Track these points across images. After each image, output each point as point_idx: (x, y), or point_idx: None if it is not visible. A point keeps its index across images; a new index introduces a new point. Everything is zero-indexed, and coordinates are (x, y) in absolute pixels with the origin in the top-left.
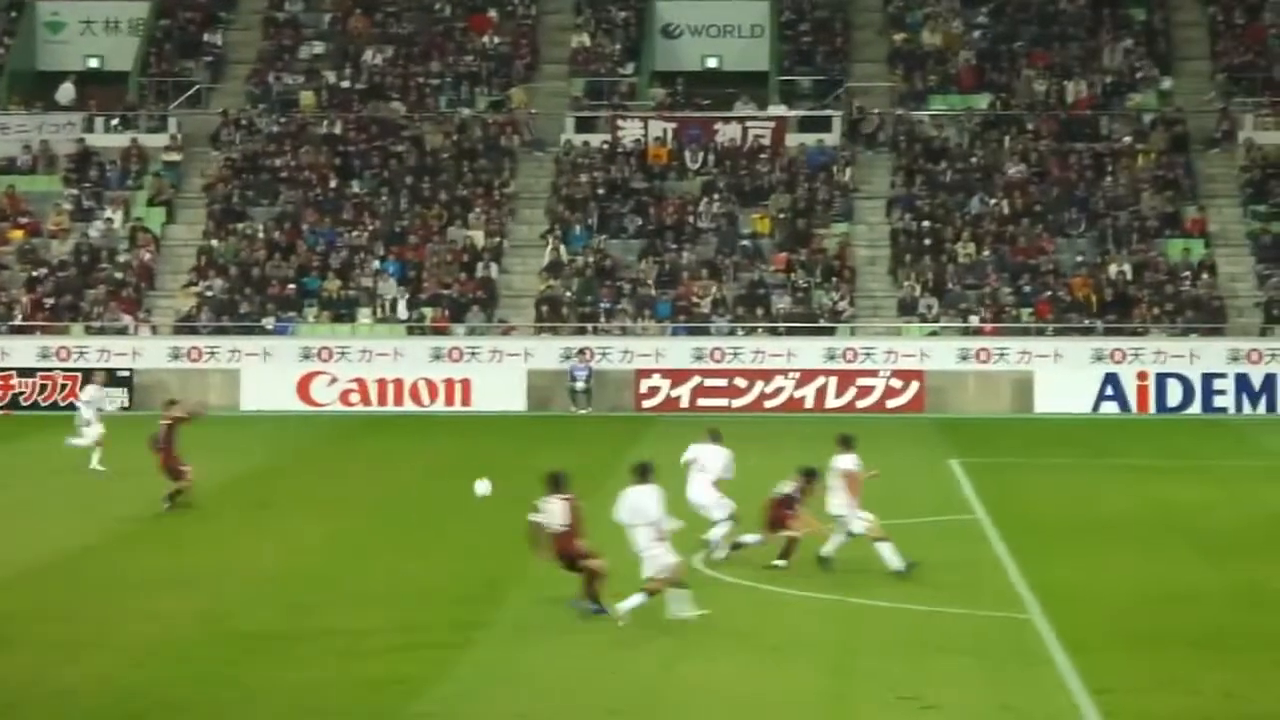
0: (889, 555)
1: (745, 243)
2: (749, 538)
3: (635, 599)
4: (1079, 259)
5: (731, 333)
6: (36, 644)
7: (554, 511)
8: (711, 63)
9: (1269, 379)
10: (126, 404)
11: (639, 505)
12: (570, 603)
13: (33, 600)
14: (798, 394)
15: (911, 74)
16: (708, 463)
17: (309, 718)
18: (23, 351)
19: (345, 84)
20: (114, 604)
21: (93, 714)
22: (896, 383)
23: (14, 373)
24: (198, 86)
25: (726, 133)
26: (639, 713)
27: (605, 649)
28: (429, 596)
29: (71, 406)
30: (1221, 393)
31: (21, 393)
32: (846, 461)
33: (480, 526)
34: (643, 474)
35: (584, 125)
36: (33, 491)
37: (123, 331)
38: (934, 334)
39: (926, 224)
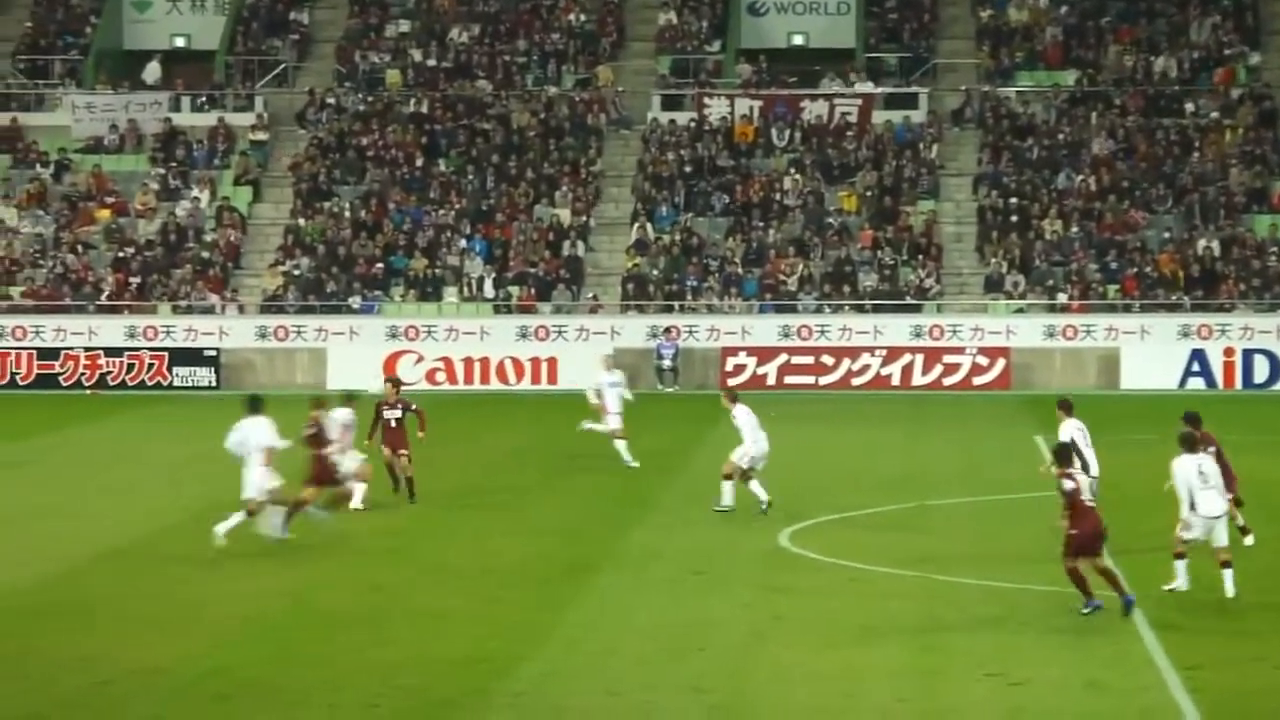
0: None
1: (832, 220)
2: None
3: (234, 519)
4: (1166, 235)
5: (818, 310)
6: (124, 622)
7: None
8: (798, 40)
9: None
10: (214, 383)
11: (247, 436)
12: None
13: (120, 579)
14: (884, 371)
15: (998, 50)
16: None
17: (396, 696)
18: (110, 331)
19: (432, 62)
20: (201, 583)
21: (181, 692)
22: (983, 360)
23: (101, 352)
24: (284, 65)
25: (813, 110)
26: (726, 690)
27: (692, 627)
28: (516, 575)
29: (158, 386)
30: None
31: (109, 372)
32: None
33: (567, 505)
34: (254, 406)
35: (670, 103)
36: (119, 471)
37: (209, 311)
38: (1020, 311)
39: (1013, 201)
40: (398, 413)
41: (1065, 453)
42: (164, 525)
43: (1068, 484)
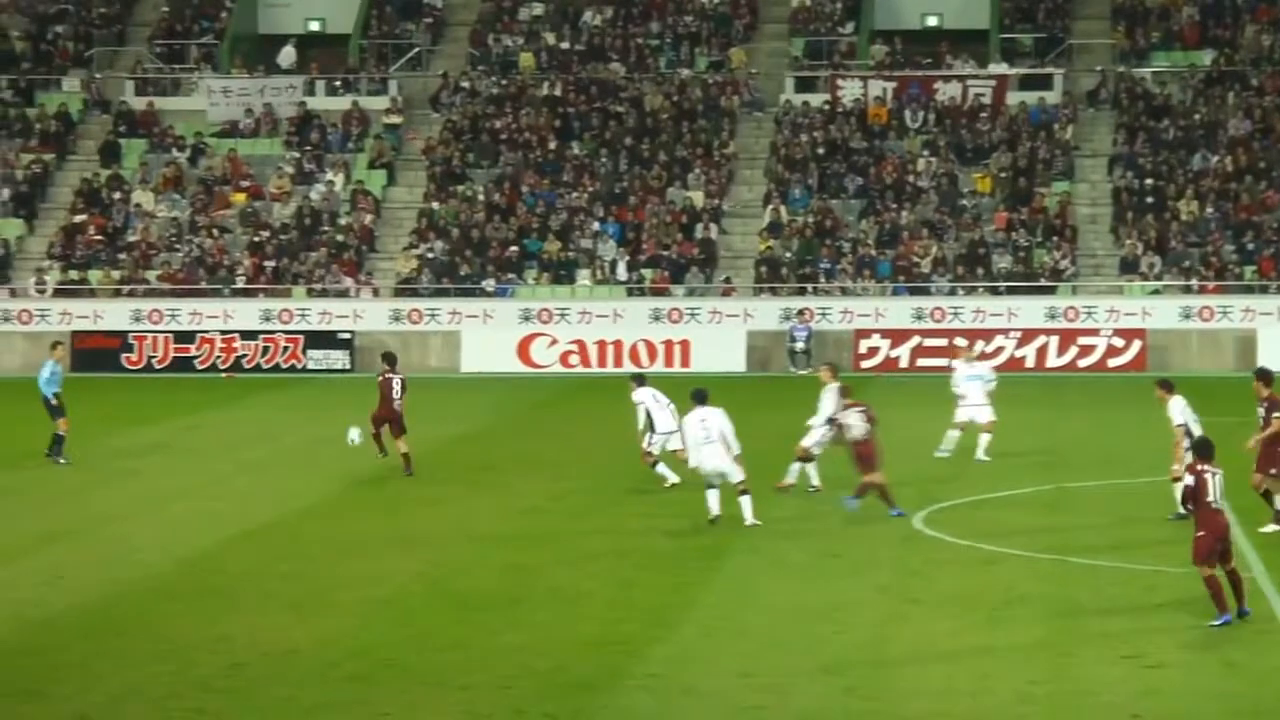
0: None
1: (965, 202)
2: None
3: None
4: None
5: (952, 292)
6: (262, 604)
7: (855, 422)
8: (932, 21)
9: None
10: (348, 366)
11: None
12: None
13: (258, 561)
14: (1018, 353)
15: (1134, 30)
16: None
17: (530, 678)
18: (245, 314)
19: (565, 45)
20: (338, 565)
21: (318, 674)
22: (1118, 341)
23: (237, 335)
24: (418, 49)
25: (946, 91)
26: (860, 671)
27: (825, 610)
28: (649, 557)
29: (293, 369)
30: None
31: (244, 355)
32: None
33: (700, 487)
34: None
35: (803, 85)
36: (254, 453)
37: (344, 294)
38: (1156, 292)
39: (1149, 182)
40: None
41: (1205, 447)
42: (299, 507)
43: (1187, 479)
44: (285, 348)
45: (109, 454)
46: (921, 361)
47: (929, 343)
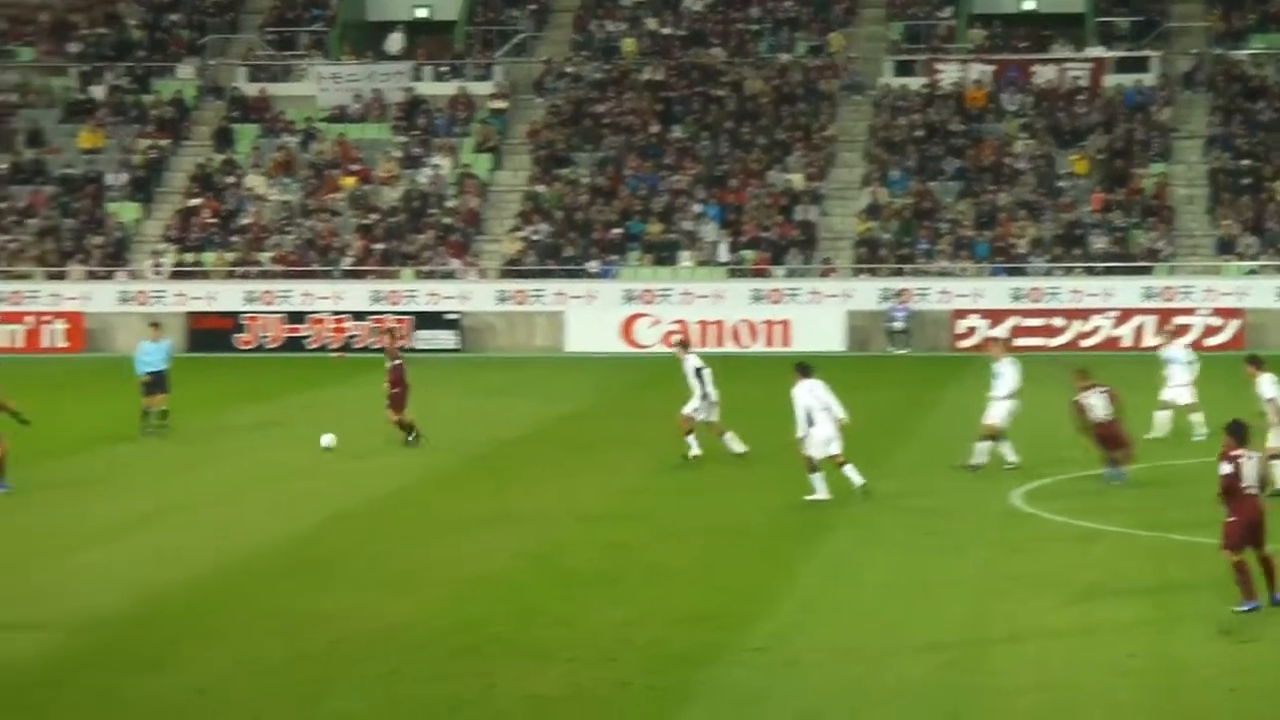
0: None
1: (1063, 183)
2: None
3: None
4: None
5: (1049, 273)
6: (365, 580)
7: (1098, 403)
8: (1029, 4)
9: None
10: (456, 346)
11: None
12: (1106, 473)
13: (364, 537)
14: (1115, 333)
15: (1230, 13)
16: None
17: (634, 651)
18: (355, 295)
19: (666, 31)
20: (443, 541)
21: (421, 648)
22: (1216, 320)
23: (347, 316)
24: (522, 35)
25: (1044, 74)
26: (960, 647)
27: (925, 587)
28: (750, 534)
29: (402, 349)
30: None
31: (354, 335)
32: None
33: (799, 465)
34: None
35: (902, 69)
36: (363, 432)
37: (451, 275)
38: (1253, 272)
39: (1245, 163)
40: (397, 362)
41: (1239, 431)
42: (405, 484)
43: (1223, 467)
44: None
45: (221, 431)
46: (1019, 340)
47: (1026, 322)
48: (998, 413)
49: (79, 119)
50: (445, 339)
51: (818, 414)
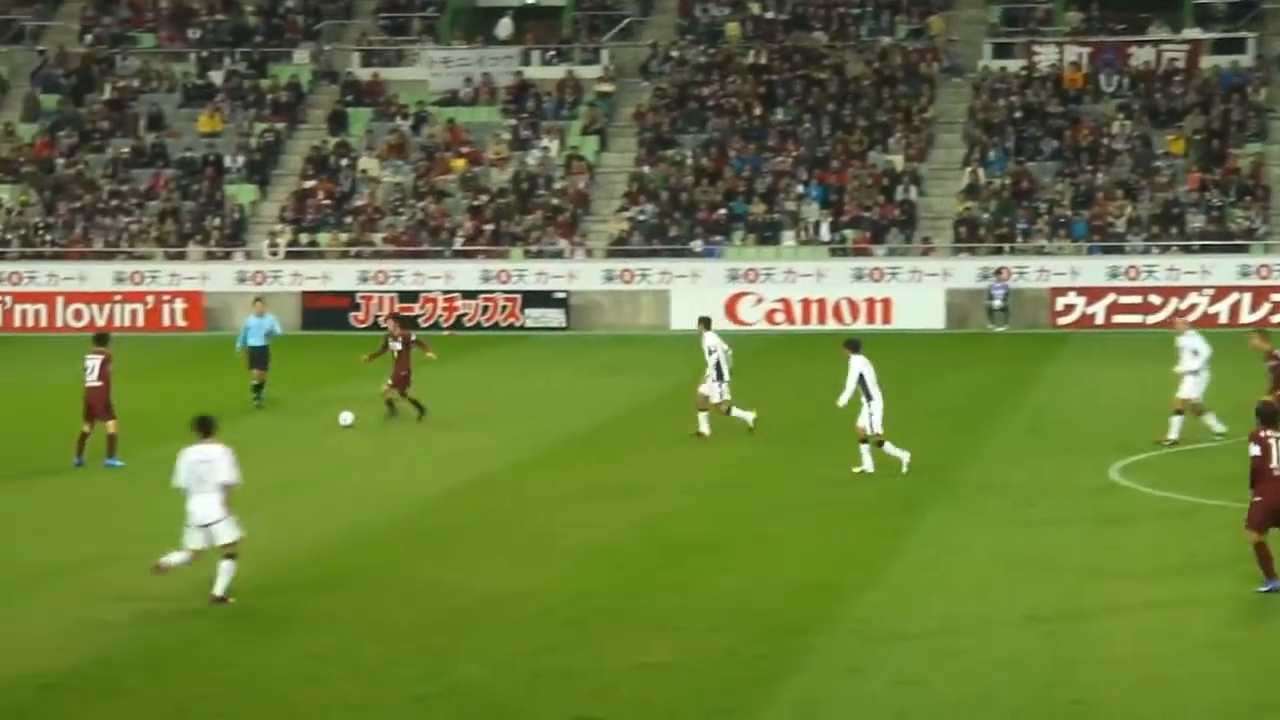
0: None
1: (1159, 163)
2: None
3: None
4: None
5: (1146, 251)
6: (482, 553)
7: None
8: None
9: None
10: (563, 324)
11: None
12: None
13: (480, 509)
14: (1211, 310)
15: None
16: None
17: (742, 621)
18: (465, 274)
19: (769, 15)
20: (555, 513)
21: (536, 618)
22: None
23: (458, 295)
24: (628, 20)
25: (1140, 56)
26: (1059, 619)
27: (1025, 559)
28: (854, 507)
29: (511, 327)
30: None
31: (465, 313)
32: None
33: (901, 440)
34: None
35: (1001, 51)
36: (476, 407)
37: (559, 255)
38: None
39: None
40: (399, 345)
41: (1268, 412)
42: (518, 458)
43: (1253, 449)
44: (504, 306)
45: (339, 408)
46: (1116, 318)
47: (1124, 300)
48: (1190, 387)
49: (198, 103)
50: (553, 317)
51: (873, 388)
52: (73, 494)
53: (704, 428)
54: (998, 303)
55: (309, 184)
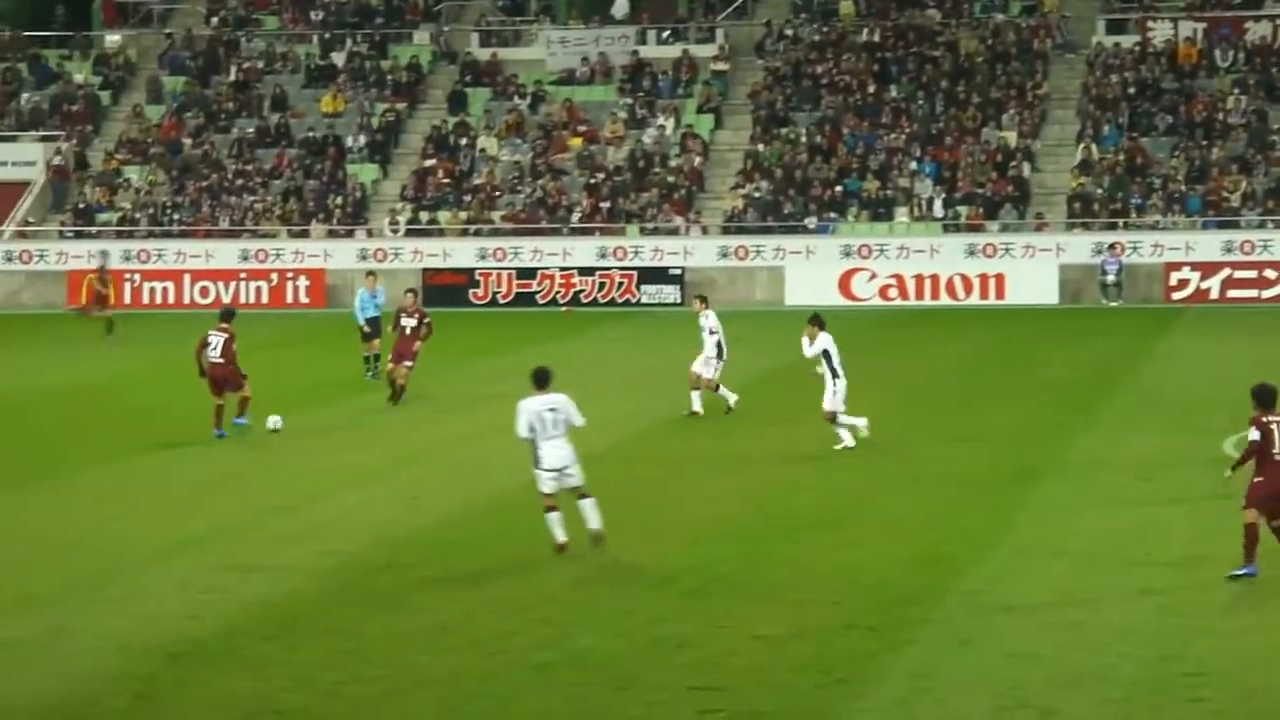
0: None
1: (1275, 138)
2: None
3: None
4: None
5: (1261, 225)
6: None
7: None
8: None
9: None
10: (679, 300)
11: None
12: None
13: (595, 482)
14: None
15: None
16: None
17: (857, 593)
18: (583, 251)
19: None
20: (671, 486)
21: (654, 589)
22: None
23: (575, 271)
24: None
25: (1256, 31)
26: (1172, 591)
27: (1137, 532)
28: (967, 481)
29: (627, 303)
30: None
31: (582, 290)
32: None
33: (1015, 414)
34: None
35: (1114, 27)
36: (592, 383)
37: (674, 232)
38: None
39: None
40: (413, 321)
41: (1266, 396)
42: (633, 432)
43: (1253, 434)
44: (620, 283)
45: (458, 383)
46: (1231, 293)
47: (1239, 275)
48: None
49: (321, 84)
50: (668, 293)
51: (839, 367)
52: (199, 467)
53: (697, 406)
54: (1111, 278)
55: (429, 163)
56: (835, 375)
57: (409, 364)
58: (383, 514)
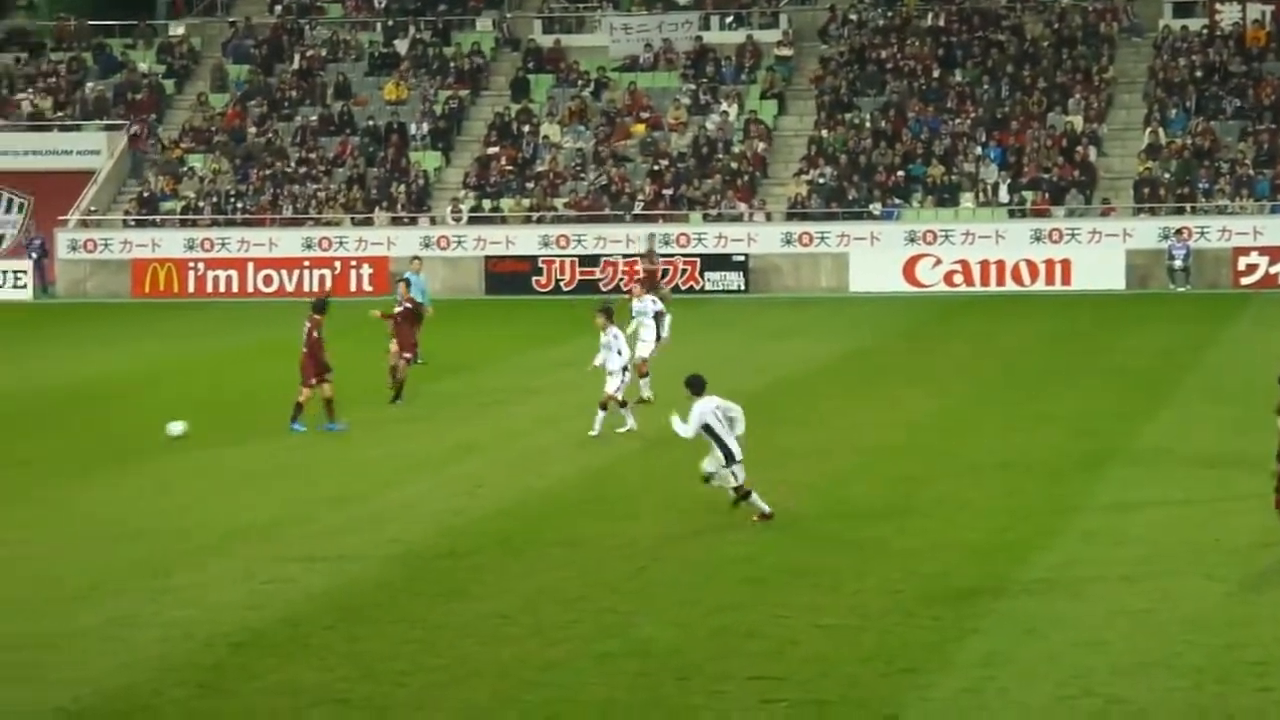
0: None
1: None
2: None
3: None
4: None
5: None
6: (661, 511)
7: None
8: None
9: None
10: (742, 287)
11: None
12: None
13: (656, 470)
14: None
15: None
16: None
17: (918, 581)
18: (646, 239)
19: None
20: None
21: (715, 577)
22: None
23: (638, 258)
24: None
25: None
26: (1238, 581)
27: (1204, 519)
28: (1032, 468)
29: (691, 290)
30: None
31: (644, 277)
32: None
33: (1081, 400)
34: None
35: (1181, 10)
36: (653, 371)
37: (738, 218)
38: None
39: None
40: (407, 307)
41: None
42: None
43: None
44: (683, 270)
45: (520, 371)
46: None
47: None
48: None
49: (384, 72)
50: (732, 280)
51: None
52: (263, 457)
53: (646, 392)
54: (1178, 263)
55: (492, 150)
56: (621, 358)
57: (408, 356)
58: (444, 503)
